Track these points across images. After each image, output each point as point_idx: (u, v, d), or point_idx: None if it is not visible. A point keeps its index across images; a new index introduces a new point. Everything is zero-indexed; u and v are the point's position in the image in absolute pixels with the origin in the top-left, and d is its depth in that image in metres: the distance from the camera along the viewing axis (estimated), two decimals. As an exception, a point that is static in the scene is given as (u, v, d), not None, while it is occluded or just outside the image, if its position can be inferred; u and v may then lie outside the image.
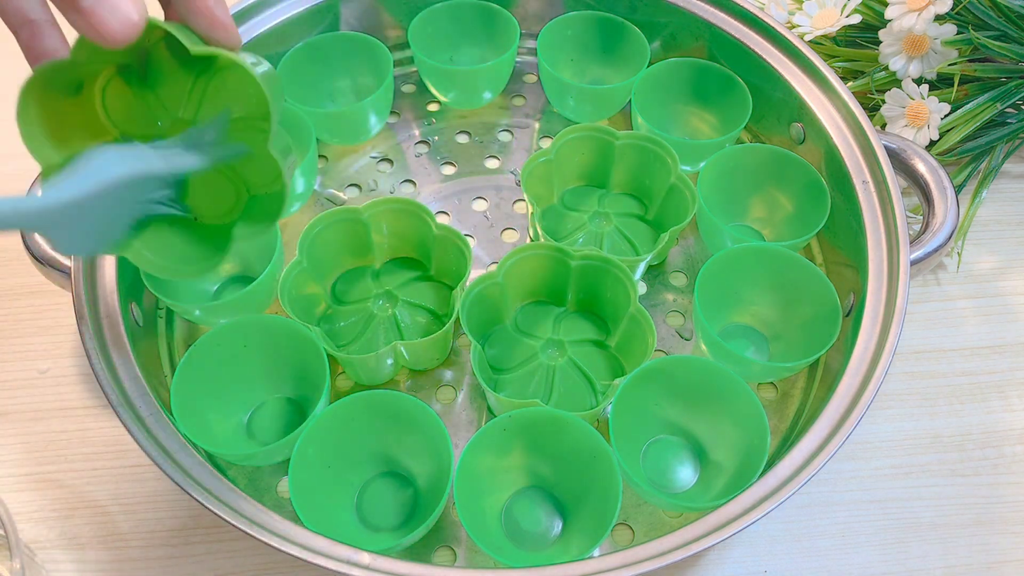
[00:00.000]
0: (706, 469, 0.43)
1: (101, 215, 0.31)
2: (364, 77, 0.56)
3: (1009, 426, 0.48)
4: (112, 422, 0.46)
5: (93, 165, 0.30)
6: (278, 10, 0.54)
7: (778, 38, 0.52)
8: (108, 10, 0.27)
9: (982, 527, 0.44)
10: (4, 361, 0.49)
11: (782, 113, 0.53)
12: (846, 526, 0.44)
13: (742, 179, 0.51)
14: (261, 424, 0.44)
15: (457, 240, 0.46)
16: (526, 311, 0.48)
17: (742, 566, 0.43)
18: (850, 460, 0.46)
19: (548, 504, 0.42)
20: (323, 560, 0.34)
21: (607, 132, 0.51)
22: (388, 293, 0.48)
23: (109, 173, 0.30)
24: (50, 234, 0.30)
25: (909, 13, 0.52)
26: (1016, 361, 0.50)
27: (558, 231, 0.51)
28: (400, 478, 0.42)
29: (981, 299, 0.53)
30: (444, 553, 0.42)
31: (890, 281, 0.43)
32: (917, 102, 0.53)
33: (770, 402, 0.47)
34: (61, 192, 0.29)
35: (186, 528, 0.43)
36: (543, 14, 0.59)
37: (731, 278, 0.46)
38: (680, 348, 0.49)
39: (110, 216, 0.32)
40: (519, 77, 0.61)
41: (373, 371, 0.45)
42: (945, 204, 0.47)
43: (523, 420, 0.39)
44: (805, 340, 0.45)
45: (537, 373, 0.46)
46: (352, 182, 0.55)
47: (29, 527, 0.43)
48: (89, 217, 0.30)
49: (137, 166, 0.32)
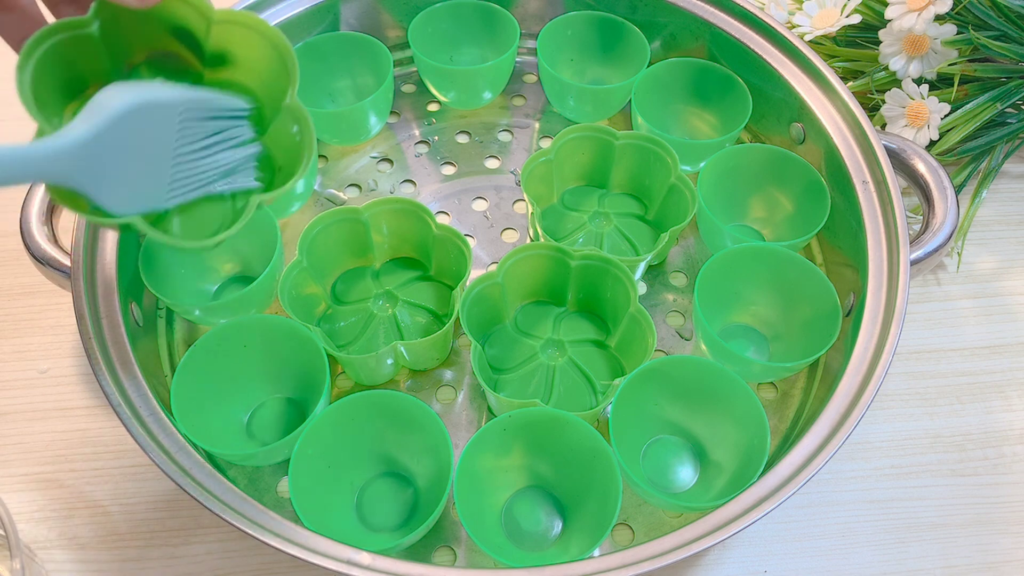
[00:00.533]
0: (706, 469, 0.43)
1: (134, 158, 0.30)
2: (364, 77, 0.56)
3: (1009, 426, 0.48)
4: (112, 422, 0.46)
5: (103, 98, 0.29)
6: (278, 10, 0.54)
7: (778, 38, 0.52)
8: None
9: (982, 527, 0.44)
10: (4, 361, 0.49)
11: (782, 113, 0.53)
12: (846, 526, 0.44)
13: (742, 179, 0.51)
14: (261, 424, 0.44)
15: (457, 240, 0.46)
16: (526, 311, 0.48)
17: (742, 566, 0.43)
18: (850, 460, 0.46)
19: (548, 504, 0.42)
20: (323, 560, 0.34)
21: (607, 132, 0.51)
22: (388, 293, 0.48)
23: (122, 101, 0.29)
24: (79, 183, 0.29)
25: (909, 13, 0.52)
26: (1016, 361, 0.50)
27: (558, 231, 0.51)
28: (400, 478, 0.42)
29: (981, 299, 0.53)
30: (444, 553, 0.42)
31: (890, 281, 0.43)
32: (917, 102, 0.53)
33: (770, 402, 0.47)
34: (73, 130, 0.28)
35: (186, 528, 0.43)
36: (543, 14, 0.59)
37: (731, 278, 0.46)
38: (680, 348, 0.49)
39: (145, 160, 0.31)
40: (519, 77, 0.61)
41: (373, 371, 0.45)
42: (945, 204, 0.47)
43: (523, 420, 0.39)
44: (805, 340, 0.45)
45: (537, 373, 0.46)
46: (352, 182, 0.55)
47: (29, 527, 0.43)
48: (118, 160, 0.29)
49: (155, 94, 0.31)
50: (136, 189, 0.31)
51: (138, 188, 0.31)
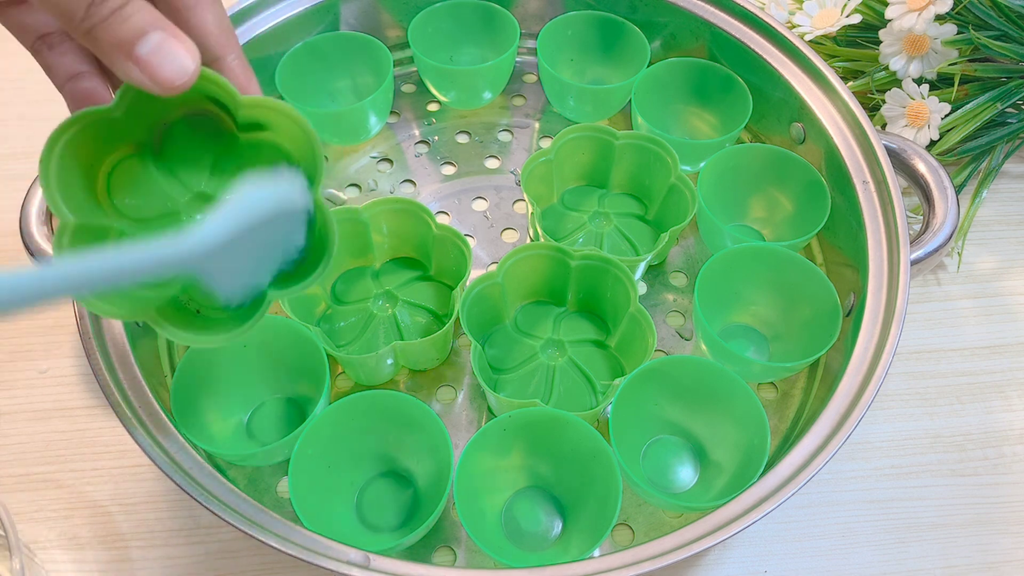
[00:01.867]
0: (706, 469, 0.43)
1: (255, 251, 0.29)
2: (364, 77, 0.56)
3: (1009, 426, 0.48)
4: (112, 422, 0.46)
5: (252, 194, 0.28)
6: (278, 10, 0.54)
7: (778, 38, 0.52)
8: (165, 58, 0.27)
9: (982, 527, 0.44)
10: (4, 361, 0.49)
11: (782, 113, 0.53)
12: (846, 526, 0.44)
13: (742, 179, 0.51)
14: (261, 424, 0.44)
15: (457, 240, 0.46)
16: (526, 311, 0.48)
17: (742, 566, 0.43)
18: (850, 460, 0.46)
19: (548, 504, 0.42)
20: (323, 560, 0.34)
21: (607, 132, 0.51)
22: (388, 293, 0.48)
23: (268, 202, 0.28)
24: (208, 276, 0.28)
25: (909, 13, 0.52)
26: (1016, 361, 0.50)
27: (558, 231, 0.51)
28: (400, 478, 0.42)
29: (981, 299, 0.53)
30: (444, 553, 0.42)
31: (890, 281, 0.43)
32: (917, 102, 0.53)
33: (770, 402, 0.47)
34: (217, 226, 0.26)
35: (186, 528, 0.43)
36: (543, 14, 0.59)
37: (731, 278, 0.46)
38: (680, 348, 0.49)
39: (262, 254, 0.30)
40: (519, 77, 0.61)
41: (373, 371, 0.45)
42: (945, 204, 0.47)
43: (523, 420, 0.39)
44: (805, 340, 0.45)
45: (537, 373, 0.46)
46: (352, 182, 0.55)
47: (29, 527, 0.43)
48: (244, 254, 0.28)
49: (289, 197, 0.29)
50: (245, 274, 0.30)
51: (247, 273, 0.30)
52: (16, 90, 0.58)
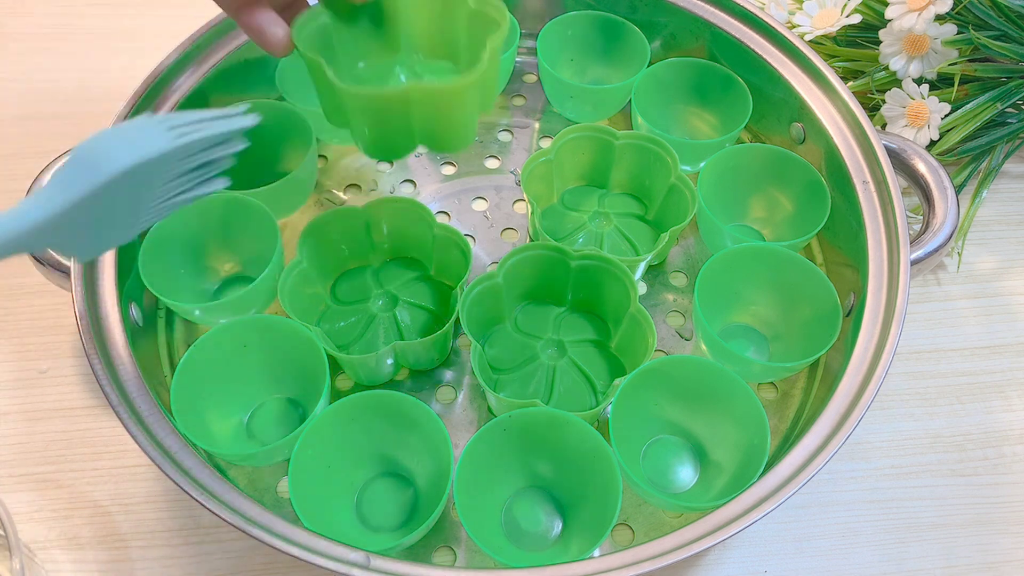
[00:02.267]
0: (706, 469, 0.43)
1: (113, 212, 0.28)
2: (364, 77, 0.56)
3: (1009, 426, 0.48)
4: (112, 422, 0.46)
5: (88, 155, 0.27)
6: (278, 10, 0.54)
7: (778, 38, 0.52)
8: None
9: (982, 527, 0.44)
10: (4, 361, 0.49)
11: (782, 113, 0.53)
12: (846, 526, 0.44)
13: (742, 179, 0.51)
14: (261, 424, 0.44)
15: (457, 240, 0.46)
16: (526, 311, 0.48)
17: (742, 566, 0.43)
18: (850, 460, 0.46)
19: (548, 504, 0.42)
20: (323, 560, 0.34)
21: (607, 132, 0.51)
22: (388, 293, 0.48)
23: (112, 167, 0.27)
24: (56, 247, 0.27)
25: (909, 13, 0.52)
26: (1016, 361, 0.50)
27: (558, 231, 0.51)
28: (400, 478, 0.42)
29: (981, 299, 0.53)
30: (444, 553, 0.42)
31: (890, 281, 0.43)
32: (917, 102, 0.53)
33: (770, 402, 0.47)
34: (51, 200, 0.26)
35: (186, 528, 0.43)
36: (543, 14, 0.59)
37: (731, 278, 0.46)
38: (680, 348, 0.49)
39: (124, 211, 0.29)
40: (519, 77, 0.61)
41: (373, 371, 0.45)
42: (945, 204, 0.47)
43: (523, 420, 0.39)
44: (805, 340, 0.45)
45: (537, 373, 0.46)
46: (352, 182, 0.55)
47: (29, 527, 0.43)
48: (97, 218, 0.28)
49: (149, 149, 0.28)
50: (107, 235, 0.30)
51: (109, 233, 0.30)
52: (16, 90, 0.58)
